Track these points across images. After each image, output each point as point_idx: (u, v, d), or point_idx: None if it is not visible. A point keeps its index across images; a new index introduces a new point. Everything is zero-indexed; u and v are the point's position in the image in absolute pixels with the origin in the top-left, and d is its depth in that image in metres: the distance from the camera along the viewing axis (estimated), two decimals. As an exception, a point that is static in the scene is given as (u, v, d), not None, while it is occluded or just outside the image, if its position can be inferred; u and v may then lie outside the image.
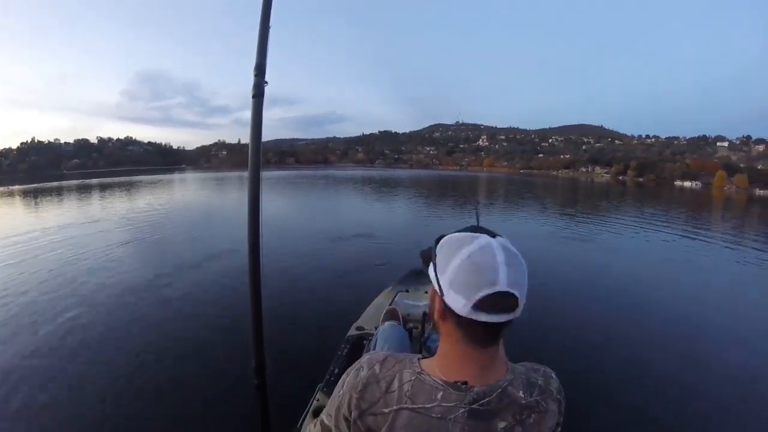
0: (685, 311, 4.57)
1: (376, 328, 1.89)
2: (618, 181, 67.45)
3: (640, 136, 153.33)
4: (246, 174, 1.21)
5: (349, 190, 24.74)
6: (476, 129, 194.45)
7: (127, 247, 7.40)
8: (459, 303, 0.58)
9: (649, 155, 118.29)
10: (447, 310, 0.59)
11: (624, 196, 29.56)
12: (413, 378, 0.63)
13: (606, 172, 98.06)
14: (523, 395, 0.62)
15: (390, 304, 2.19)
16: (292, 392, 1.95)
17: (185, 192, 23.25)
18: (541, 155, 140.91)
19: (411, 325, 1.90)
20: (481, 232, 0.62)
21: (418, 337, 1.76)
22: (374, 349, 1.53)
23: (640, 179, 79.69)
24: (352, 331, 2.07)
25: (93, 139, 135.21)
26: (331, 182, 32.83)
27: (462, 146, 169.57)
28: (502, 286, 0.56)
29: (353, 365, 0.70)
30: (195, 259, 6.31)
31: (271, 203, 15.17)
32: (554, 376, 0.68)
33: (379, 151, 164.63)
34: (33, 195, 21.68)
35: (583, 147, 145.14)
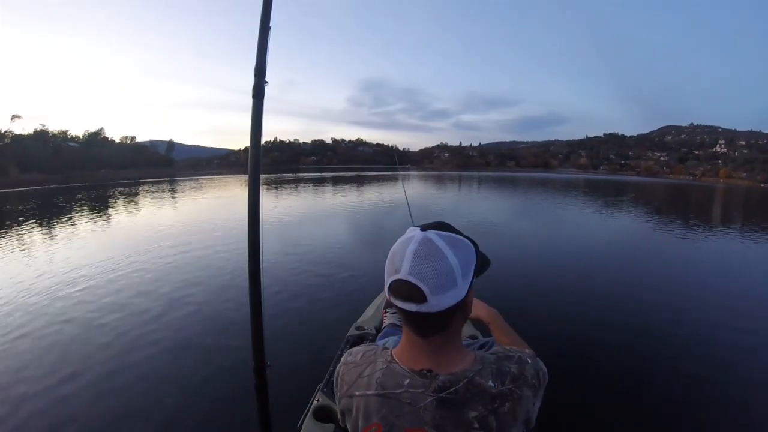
0: None
1: (376, 328, 1.95)
2: None
3: None
4: (466, 173, 1.06)
5: (560, 196, 21.86)
6: (713, 132, 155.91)
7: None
8: (384, 288, 0.63)
9: None
10: None
11: None
12: (384, 366, 0.66)
13: None
14: (492, 384, 0.61)
15: None
16: (292, 392, 1.98)
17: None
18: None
19: None
20: (424, 226, 0.63)
21: None
22: None
23: None
24: (352, 331, 2.02)
25: (328, 140, 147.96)
26: (548, 186, 31.28)
27: (696, 152, 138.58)
28: (402, 274, 0.58)
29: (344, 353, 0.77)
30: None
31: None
32: (530, 360, 0.67)
33: (603, 155, 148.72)
34: (275, 183, 26.38)
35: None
